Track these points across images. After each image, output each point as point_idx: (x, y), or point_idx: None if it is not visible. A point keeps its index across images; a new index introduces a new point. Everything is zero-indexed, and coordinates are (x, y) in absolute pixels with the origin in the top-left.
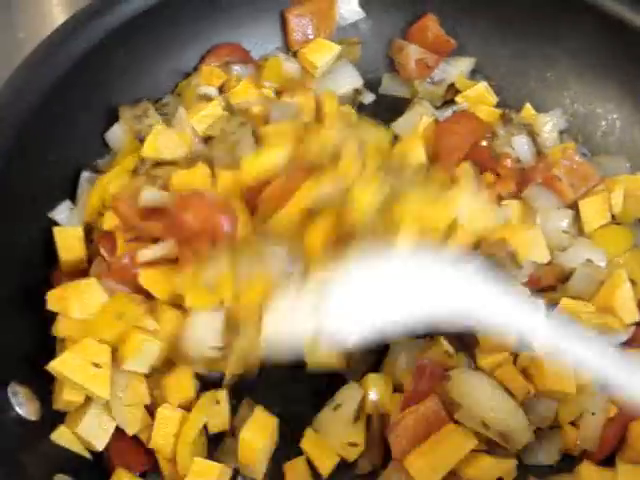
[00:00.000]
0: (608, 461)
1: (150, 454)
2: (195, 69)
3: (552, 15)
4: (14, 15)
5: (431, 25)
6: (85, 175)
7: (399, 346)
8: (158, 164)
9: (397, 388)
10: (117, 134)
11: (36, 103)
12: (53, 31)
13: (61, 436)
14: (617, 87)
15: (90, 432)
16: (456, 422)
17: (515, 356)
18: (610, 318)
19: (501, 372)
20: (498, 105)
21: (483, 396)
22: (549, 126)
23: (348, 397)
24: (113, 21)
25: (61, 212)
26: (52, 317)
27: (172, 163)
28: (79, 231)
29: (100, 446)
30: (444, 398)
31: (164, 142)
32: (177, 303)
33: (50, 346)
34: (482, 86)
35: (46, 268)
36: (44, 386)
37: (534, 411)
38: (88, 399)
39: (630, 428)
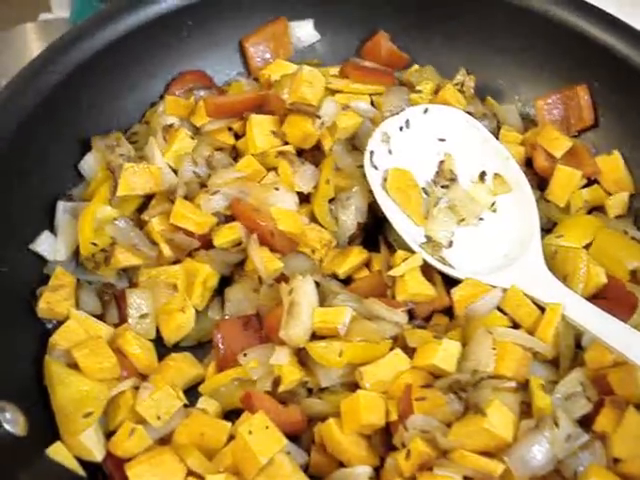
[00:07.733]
0: None
1: None
2: (161, 97)
3: (501, 26)
4: None
5: (383, 41)
6: (62, 205)
7: None
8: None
9: None
10: (90, 164)
11: (7, 138)
12: (21, 69)
13: (57, 452)
14: None
15: (91, 441)
16: None
17: None
18: None
19: None
20: None
21: None
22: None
23: None
24: (79, 56)
25: (42, 243)
26: (35, 336)
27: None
28: None
29: (100, 456)
30: None
31: (136, 179)
32: None
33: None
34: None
35: (29, 295)
36: (29, 402)
37: None
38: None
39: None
